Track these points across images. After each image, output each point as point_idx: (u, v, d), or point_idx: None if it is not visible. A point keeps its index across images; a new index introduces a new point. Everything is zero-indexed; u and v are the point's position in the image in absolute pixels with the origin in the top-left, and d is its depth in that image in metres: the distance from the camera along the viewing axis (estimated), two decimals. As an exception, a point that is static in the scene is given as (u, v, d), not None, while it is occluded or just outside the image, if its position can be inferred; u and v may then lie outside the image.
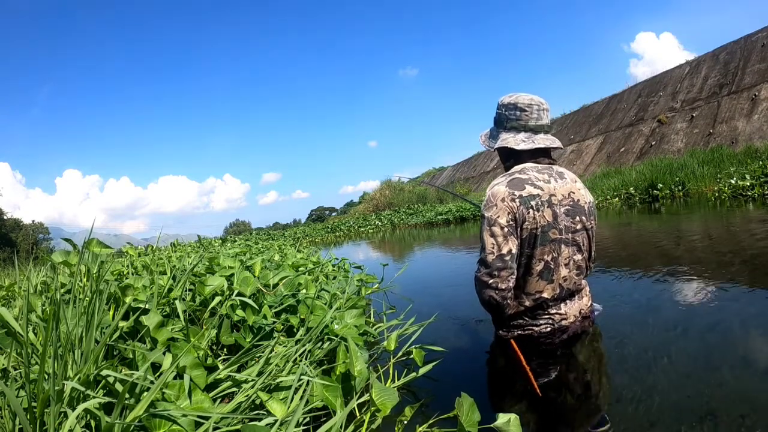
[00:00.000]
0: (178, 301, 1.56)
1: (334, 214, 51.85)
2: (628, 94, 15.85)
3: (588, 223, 1.41)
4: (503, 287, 1.29)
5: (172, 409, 1.00)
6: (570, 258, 1.37)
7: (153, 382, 1.06)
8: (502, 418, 1.14)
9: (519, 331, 1.41)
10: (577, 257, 1.40)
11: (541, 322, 1.39)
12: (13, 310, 1.63)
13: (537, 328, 1.39)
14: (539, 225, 1.31)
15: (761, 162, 7.48)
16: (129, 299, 1.51)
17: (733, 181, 7.25)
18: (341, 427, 1.18)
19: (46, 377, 0.94)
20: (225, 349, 1.68)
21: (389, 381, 1.74)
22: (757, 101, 9.90)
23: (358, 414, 1.38)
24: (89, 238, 1.70)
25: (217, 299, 1.76)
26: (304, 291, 2.08)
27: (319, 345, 1.71)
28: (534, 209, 1.30)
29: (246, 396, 1.21)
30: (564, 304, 1.41)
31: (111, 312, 1.50)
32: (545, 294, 1.36)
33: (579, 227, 1.38)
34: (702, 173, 8.50)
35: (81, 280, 1.64)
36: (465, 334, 2.48)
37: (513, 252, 1.29)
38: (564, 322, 1.40)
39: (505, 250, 1.28)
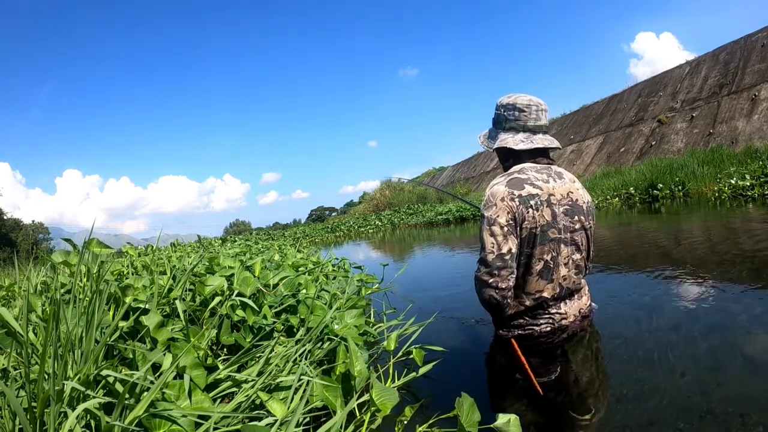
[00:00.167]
0: (178, 301, 1.56)
1: (334, 214, 51.84)
2: (628, 94, 15.84)
3: (587, 223, 1.41)
4: (503, 286, 1.29)
5: (172, 409, 1.00)
6: (569, 257, 1.38)
7: (153, 382, 1.06)
8: (502, 418, 1.14)
9: (519, 331, 1.41)
10: (576, 257, 1.40)
11: (542, 321, 1.39)
12: (13, 310, 1.63)
13: (537, 327, 1.39)
14: (538, 224, 1.31)
15: (761, 162, 7.48)
16: (129, 299, 1.51)
17: (733, 181, 7.25)
18: (341, 427, 1.18)
19: (46, 377, 0.94)
20: (225, 349, 1.68)
21: (389, 381, 1.74)
22: (757, 101, 9.90)
23: (358, 414, 1.38)
24: (89, 238, 1.70)
25: (217, 299, 1.76)
26: (304, 291, 2.08)
27: (319, 345, 1.71)
28: (533, 209, 1.30)
29: (246, 396, 1.21)
30: (564, 303, 1.41)
31: (111, 312, 1.50)
32: (545, 293, 1.36)
33: (578, 227, 1.39)
34: (702, 173, 8.49)
35: (81, 280, 1.64)
36: (465, 334, 2.48)
37: (513, 251, 1.29)
38: (564, 321, 1.40)
39: (505, 249, 1.28)
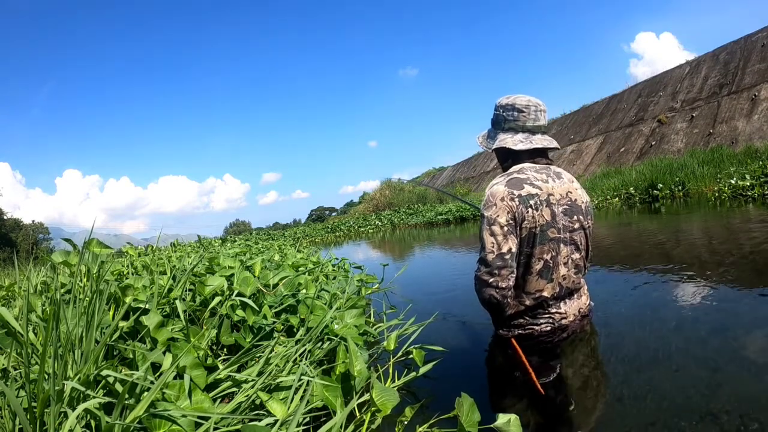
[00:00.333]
0: (178, 301, 1.56)
1: (334, 214, 51.84)
2: (628, 94, 15.84)
3: (585, 223, 1.41)
4: (503, 286, 1.29)
5: (172, 409, 1.00)
6: (568, 257, 1.38)
7: (153, 382, 1.06)
8: (502, 418, 1.14)
9: (519, 331, 1.41)
10: (576, 256, 1.40)
11: (542, 321, 1.39)
12: (13, 310, 1.63)
13: (538, 327, 1.39)
14: (538, 224, 1.31)
15: (761, 162, 7.48)
16: (129, 299, 1.51)
17: (733, 181, 7.25)
18: (341, 427, 1.18)
19: (46, 377, 0.94)
20: (225, 349, 1.68)
21: (389, 381, 1.74)
22: (757, 101, 9.90)
23: (358, 414, 1.38)
24: (89, 238, 1.70)
25: (217, 299, 1.76)
26: (304, 291, 2.08)
27: (319, 345, 1.71)
28: (533, 208, 1.30)
29: (246, 396, 1.21)
30: (564, 303, 1.41)
31: (111, 312, 1.50)
32: (545, 293, 1.36)
33: (577, 226, 1.39)
34: (702, 173, 8.49)
35: (81, 280, 1.64)
36: (465, 333, 2.48)
37: (513, 251, 1.29)
38: (564, 321, 1.41)
39: (505, 248, 1.28)
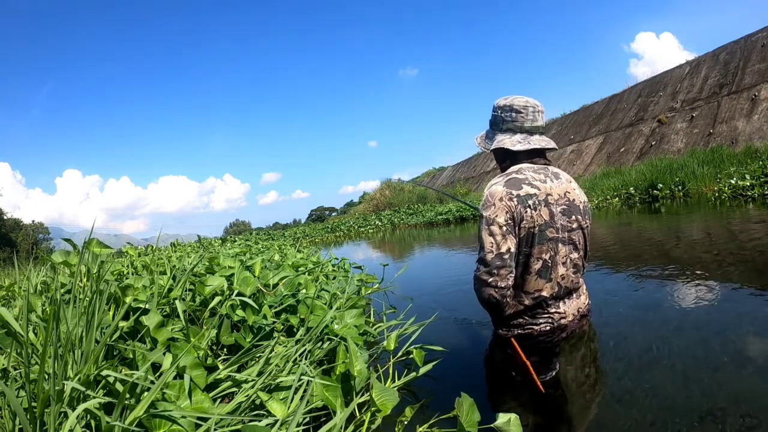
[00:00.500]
0: (178, 301, 1.56)
1: (334, 214, 51.83)
2: (628, 94, 15.84)
3: (583, 222, 1.42)
4: (502, 285, 1.29)
5: (172, 410, 1.00)
6: (567, 256, 1.38)
7: (153, 382, 1.06)
8: (502, 418, 1.14)
9: (519, 330, 1.41)
10: (574, 255, 1.40)
11: (541, 321, 1.40)
12: (13, 310, 1.63)
13: (537, 327, 1.40)
14: (537, 224, 1.32)
15: (761, 162, 7.48)
16: (129, 299, 1.51)
17: (733, 181, 7.25)
18: (341, 428, 1.18)
19: (46, 377, 0.94)
20: (225, 349, 1.68)
21: (389, 381, 1.74)
22: (757, 101, 9.90)
23: (358, 414, 1.38)
24: (89, 238, 1.70)
25: (217, 299, 1.76)
26: (304, 291, 2.08)
27: (319, 345, 1.71)
28: (531, 208, 1.31)
29: (246, 396, 1.21)
30: (563, 302, 1.42)
31: (111, 312, 1.50)
32: (544, 292, 1.37)
33: (575, 226, 1.39)
34: (702, 173, 8.49)
35: (81, 280, 1.64)
36: (465, 333, 2.48)
37: (512, 250, 1.30)
38: (563, 320, 1.41)
39: (504, 248, 1.29)
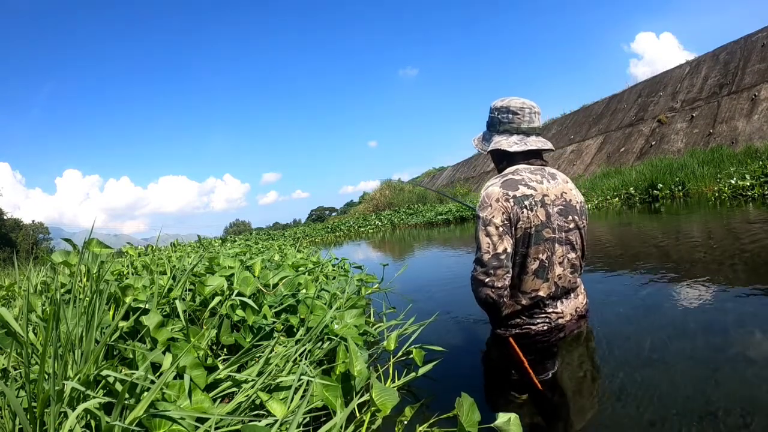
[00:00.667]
0: (178, 301, 1.56)
1: (334, 214, 51.82)
2: (628, 94, 15.84)
3: (580, 222, 1.43)
4: (499, 285, 1.31)
5: (172, 409, 1.00)
6: (564, 256, 1.39)
7: (153, 382, 1.06)
8: (502, 417, 1.14)
9: (516, 330, 1.42)
10: (571, 255, 1.42)
11: (539, 320, 1.41)
12: (13, 310, 1.63)
13: (534, 326, 1.40)
14: (533, 224, 1.33)
15: (761, 162, 7.48)
16: (129, 299, 1.51)
17: (733, 181, 7.25)
18: (341, 428, 1.18)
19: (46, 377, 0.94)
20: (225, 349, 1.68)
21: (389, 381, 1.74)
22: (757, 101, 9.89)
23: (358, 414, 1.38)
24: (89, 238, 1.70)
25: (217, 299, 1.76)
26: (304, 291, 2.08)
27: (319, 345, 1.71)
28: (527, 209, 1.32)
29: (246, 396, 1.21)
30: (560, 302, 1.43)
31: (111, 312, 1.50)
32: (541, 292, 1.38)
33: (572, 226, 1.41)
34: (702, 173, 8.49)
35: (81, 280, 1.64)
36: (465, 333, 2.48)
37: (508, 251, 1.31)
38: (561, 320, 1.42)
39: (501, 249, 1.30)
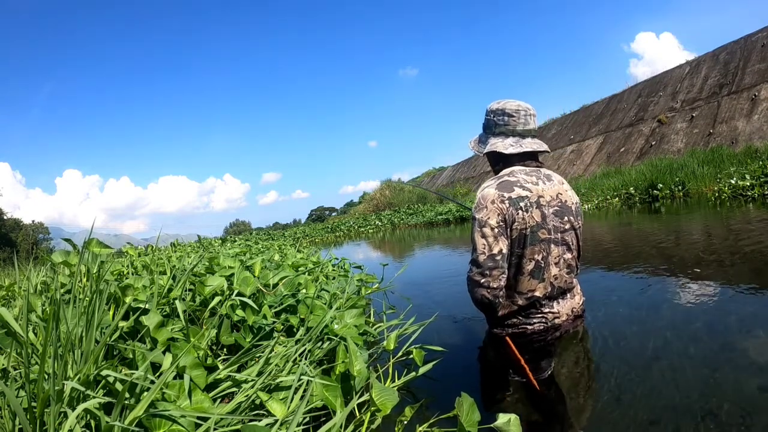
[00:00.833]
0: (178, 301, 1.56)
1: (334, 214, 51.81)
2: (628, 94, 15.84)
3: (576, 223, 1.45)
4: (495, 286, 1.32)
5: (172, 409, 1.00)
6: (560, 257, 1.40)
7: (153, 382, 1.06)
8: (502, 417, 1.14)
9: (513, 330, 1.44)
10: (567, 256, 1.43)
11: (535, 320, 1.42)
12: (13, 310, 1.63)
13: (531, 326, 1.41)
14: (528, 225, 1.34)
15: (761, 162, 7.48)
16: (129, 299, 1.51)
17: (733, 181, 7.25)
18: (341, 427, 1.18)
19: (46, 377, 0.94)
20: (225, 349, 1.68)
21: (389, 381, 1.74)
22: (757, 101, 9.89)
23: (357, 414, 1.38)
24: (89, 238, 1.70)
25: (217, 299, 1.76)
26: (303, 291, 2.08)
27: (319, 345, 1.71)
28: (523, 210, 1.33)
29: (246, 396, 1.21)
30: (556, 302, 1.44)
31: (111, 312, 1.50)
32: (537, 293, 1.39)
33: (567, 227, 1.42)
34: (702, 173, 8.49)
35: (81, 280, 1.64)
36: (465, 333, 2.48)
37: (504, 252, 1.32)
38: (557, 320, 1.43)
39: (496, 250, 1.31)
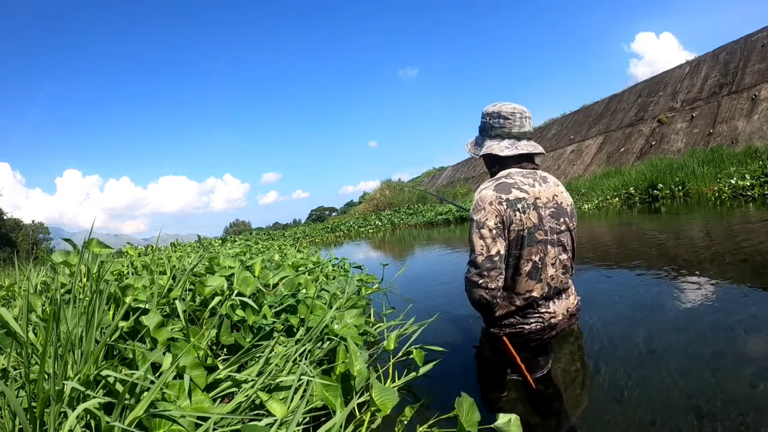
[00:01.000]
0: (178, 301, 1.56)
1: (334, 214, 51.80)
2: (628, 94, 15.84)
3: (571, 224, 1.46)
4: (492, 286, 1.32)
5: (172, 409, 1.00)
6: (556, 258, 1.42)
7: (153, 382, 1.06)
8: (502, 418, 1.14)
9: (510, 329, 1.45)
10: (563, 257, 1.44)
11: (532, 320, 1.43)
12: (13, 310, 1.63)
13: (528, 326, 1.43)
14: (525, 227, 1.35)
15: (761, 162, 7.48)
16: (129, 299, 1.51)
17: (733, 181, 7.24)
18: (341, 427, 1.18)
19: (46, 377, 0.94)
20: (225, 349, 1.68)
21: (389, 381, 1.74)
22: (757, 101, 9.89)
23: (358, 414, 1.38)
24: (89, 238, 1.70)
25: (217, 299, 1.76)
26: (304, 291, 2.08)
27: (319, 345, 1.71)
28: (520, 212, 1.34)
29: (246, 396, 1.21)
30: (553, 302, 1.45)
31: (111, 312, 1.50)
32: (535, 293, 1.40)
33: (563, 228, 1.43)
34: (702, 173, 8.49)
35: (81, 280, 1.64)
36: (465, 333, 2.48)
37: (501, 253, 1.33)
38: (553, 320, 1.45)
39: (494, 251, 1.32)
